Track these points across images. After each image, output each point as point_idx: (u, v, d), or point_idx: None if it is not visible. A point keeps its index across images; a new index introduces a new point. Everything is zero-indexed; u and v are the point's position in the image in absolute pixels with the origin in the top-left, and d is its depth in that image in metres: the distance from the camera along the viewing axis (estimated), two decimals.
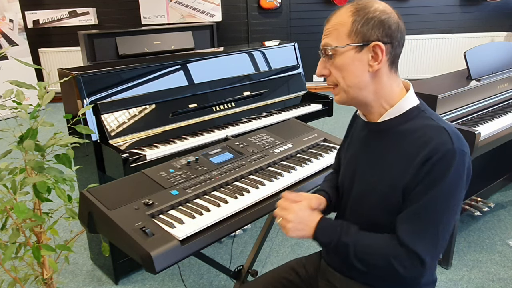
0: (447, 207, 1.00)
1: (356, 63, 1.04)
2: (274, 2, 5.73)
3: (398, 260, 1.01)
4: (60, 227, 2.72)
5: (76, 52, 5.89)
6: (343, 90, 1.08)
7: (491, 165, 2.91)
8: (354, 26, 1.03)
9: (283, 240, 2.60)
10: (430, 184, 0.99)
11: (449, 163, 0.98)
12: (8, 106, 1.43)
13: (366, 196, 1.13)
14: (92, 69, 2.06)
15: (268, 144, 1.74)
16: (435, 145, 0.99)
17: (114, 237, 1.21)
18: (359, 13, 1.03)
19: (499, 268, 2.28)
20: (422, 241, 1.00)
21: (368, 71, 1.04)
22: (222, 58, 2.52)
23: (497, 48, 2.67)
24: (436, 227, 1.00)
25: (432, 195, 0.99)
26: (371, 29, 1.02)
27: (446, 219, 1.00)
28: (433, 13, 5.78)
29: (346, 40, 1.04)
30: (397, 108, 1.08)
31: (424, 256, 0.99)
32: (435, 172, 0.98)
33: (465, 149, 1.00)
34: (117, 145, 1.96)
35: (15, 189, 1.39)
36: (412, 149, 1.02)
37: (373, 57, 1.03)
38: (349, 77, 1.06)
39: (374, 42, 1.02)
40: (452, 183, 0.99)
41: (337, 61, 1.06)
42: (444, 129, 1.01)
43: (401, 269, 1.01)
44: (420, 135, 1.02)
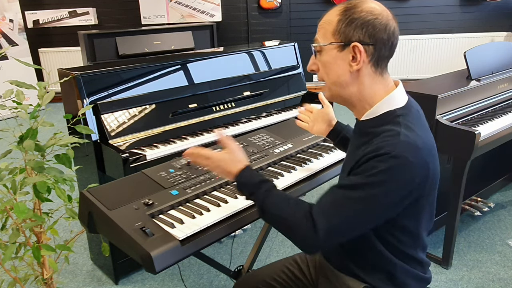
0: (359, 201, 0.99)
1: (338, 61, 1.06)
2: (274, 2, 5.73)
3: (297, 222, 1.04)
4: (60, 227, 2.72)
5: (76, 52, 5.89)
6: (328, 87, 1.12)
7: (491, 165, 2.91)
8: (338, 25, 1.05)
9: (283, 240, 2.60)
10: (357, 174, 1.01)
11: (381, 164, 0.96)
12: (8, 106, 1.43)
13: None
14: (92, 69, 2.06)
15: (268, 144, 1.74)
16: (380, 145, 0.98)
17: (114, 237, 1.21)
18: (346, 13, 1.04)
19: (499, 268, 2.28)
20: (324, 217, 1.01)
21: (349, 71, 1.06)
22: (222, 58, 2.52)
23: (497, 48, 2.67)
24: (341, 212, 1.01)
25: (354, 185, 1.00)
26: (353, 29, 1.03)
27: (355, 212, 1.00)
28: (433, 13, 5.78)
29: (330, 38, 1.06)
30: (373, 111, 1.08)
31: (319, 228, 1.00)
32: (366, 165, 0.99)
33: (412, 159, 0.96)
34: (117, 145, 1.96)
35: (15, 189, 1.39)
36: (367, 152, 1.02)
37: (353, 57, 1.04)
38: (331, 75, 1.09)
39: (354, 43, 1.03)
40: (377, 184, 0.97)
41: (322, 58, 1.10)
42: (398, 134, 0.99)
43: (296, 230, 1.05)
44: (380, 137, 1.02)
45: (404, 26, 5.82)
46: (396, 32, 1.05)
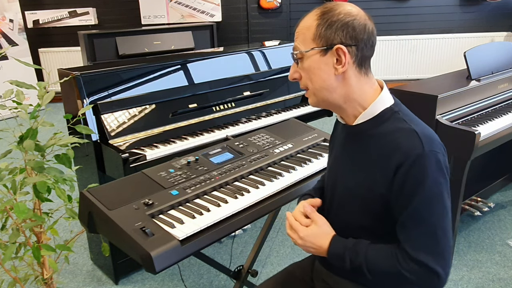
0: (437, 209, 0.99)
1: (322, 66, 1.05)
2: (274, 2, 5.73)
3: (411, 273, 1.00)
4: (60, 227, 2.72)
5: (76, 52, 5.89)
6: (313, 93, 1.09)
7: (491, 165, 2.91)
8: (318, 29, 1.04)
9: (283, 240, 2.60)
10: (411, 192, 0.98)
11: (424, 168, 0.97)
12: (8, 106, 1.43)
13: (347, 201, 1.13)
14: (92, 69, 2.06)
15: (268, 144, 1.74)
16: (406, 150, 0.98)
17: (114, 237, 1.21)
18: (324, 17, 1.04)
19: (499, 268, 2.28)
20: (428, 253, 0.99)
21: (335, 74, 1.04)
22: (222, 58, 2.52)
23: (497, 48, 2.67)
24: (433, 232, 0.99)
25: (418, 203, 0.98)
26: (334, 32, 1.02)
27: (440, 220, 1.00)
28: (433, 13, 5.77)
29: (311, 44, 1.05)
30: (370, 111, 1.07)
31: (435, 268, 0.98)
32: (412, 179, 0.98)
33: (437, 149, 0.99)
34: (117, 145, 1.96)
35: (15, 189, 1.39)
36: (385, 153, 1.02)
37: (337, 60, 1.03)
38: (317, 80, 1.07)
39: (337, 45, 1.02)
40: (433, 186, 0.98)
41: (304, 65, 1.07)
42: (415, 132, 1.00)
43: (415, 279, 1.00)
44: (392, 139, 1.02)
45: (404, 26, 5.82)
46: (374, 31, 1.06)
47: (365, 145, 1.08)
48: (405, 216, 1.00)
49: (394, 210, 1.03)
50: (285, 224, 1.19)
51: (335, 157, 1.20)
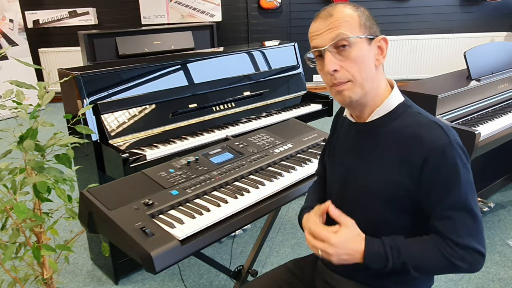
0: (470, 193, 1.02)
1: (368, 55, 1.03)
2: (274, 2, 5.73)
3: (461, 260, 1.01)
4: (60, 227, 2.72)
5: (76, 52, 5.89)
6: (359, 85, 1.03)
7: (491, 165, 2.91)
8: (361, 19, 1.03)
9: (283, 240, 2.60)
10: (447, 184, 1.00)
11: (453, 156, 0.99)
12: (8, 106, 1.43)
13: (363, 197, 1.12)
14: (92, 69, 2.06)
15: (268, 144, 1.74)
16: (431, 142, 0.99)
17: (114, 237, 1.21)
18: (359, 9, 1.05)
19: (499, 268, 2.27)
20: (471, 236, 1.00)
21: (375, 65, 1.05)
22: (222, 58, 2.52)
23: (497, 48, 2.67)
24: (474, 216, 1.01)
25: (457, 192, 1.00)
26: (373, 24, 1.05)
27: (474, 203, 1.02)
28: (433, 13, 5.77)
29: (358, 32, 1.02)
30: (385, 106, 1.08)
31: (479, 248, 1.01)
32: (445, 170, 0.99)
33: (457, 136, 1.02)
34: (117, 145, 1.96)
35: (15, 189, 1.39)
36: (405, 146, 1.02)
37: (379, 49, 1.05)
38: (365, 70, 1.03)
39: (380, 36, 1.04)
40: (465, 171, 1.01)
41: (352, 53, 1.01)
42: (436, 123, 1.02)
43: (465, 265, 1.01)
44: (412, 132, 1.02)
45: (404, 26, 5.82)
46: None
47: (381, 141, 1.08)
48: (445, 207, 1.01)
49: (426, 204, 1.03)
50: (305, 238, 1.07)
51: (341, 157, 1.19)
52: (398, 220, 1.08)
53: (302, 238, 2.61)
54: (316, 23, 1.05)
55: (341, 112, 1.28)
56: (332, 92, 1.08)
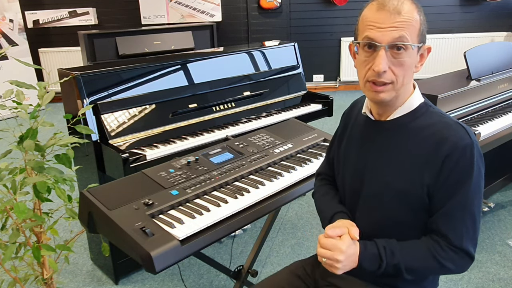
0: (477, 198, 1.02)
1: (414, 62, 1.05)
2: (274, 2, 5.73)
3: (451, 261, 1.03)
4: (60, 227, 2.72)
5: (76, 52, 5.89)
6: (396, 89, 1.03)
7: (491, 165, 2.90)
8: (422, 26, 1.04)
9: (283, 240, 2.60)
10: (459, 182, 1.00)
11: (472, 158, 1.00)
12: (8, 106, 1.43)
13: (381, 195, 1.10)
14: (92, 69, 2.06)
15: (268, 144, 1.74)
16: (455, 141, 1.00)
17: (114, 237, 1.21)
18: (422, 13, 1.04)
19: (499, 268, 2.27)
20: (468, 239, 1.02)
21: (414, 72, 1.06)
22: (222, 58, 2.52)
23: (497, 48, 2.67)
24: (474, 220, 1.02)
25: (464, 193, 1.01)
26: (426, 31, 1.05)
27: (478, 209, 1.03)
28: (433, 13, 5.77)
29: (416, 39, 1.02)
30: (407, 105, 1.08)
31: (472, 252, 1.03)
32: (460, 169, 1.00)
33: (476, 140, 1.03)
34: (117, 145, 1.96)
35: (15, 189, 1.39)
36: (429, 145, 1.03)
37: (421, 57, 1.06)
38: (409, 76, 1.04)
39: (427, 45, 1.05)
40: (478, 175, 1.01)
41: (406, 59, 1.01)
42: (459, 124, 1.03)
43: (453, 267, 1.03)
44: (435, 131, 1.03)
45: None
46: None
47: (403, 139, 1.08)
48: (451, 205, 1.02)
49: (435, 199, 1.04)
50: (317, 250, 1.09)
51: (356, 155, 1.17)
52: (411, 219, 1.09)
53: (302, 238, 2.61)
54: (380, 14, 1.00)
55: (353, 108, 1.27)
56: (366, 87, 1.05)
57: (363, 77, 1.04)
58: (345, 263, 1.04)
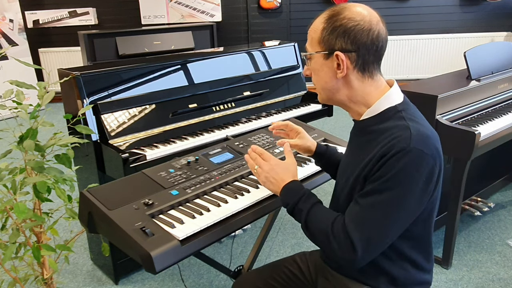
0: (390, 205, 0.99)
1: (325, 69, 1.09)
2: (274, 2, 5.73)
3: (335, 239, 1.04)
4: (60, 227, 2.72)
5: (76, 52, 5.89)
6: (318, 92, 1.16)
7: (491, 165, 2.91)
8: (322, 33, 1.07)
9: (283, 240, 2.60)
10: (378, 178, 1.00)
11: (400, 161, 0.97)
12: (8, 106, 1.43)
13: (342, 191, 1.16)
14: (92, 69, 2.06)
15: (268, 144, 1.74)
16: (394, 143, 0.99)
17: (114, 237, 1.21)
18: (329, 21, 1.06)
19: (499, 268, 2.28)
20: (358, 232, 1.01)
21: (336, 77, 1.08)
22: (222, 58, 2.52)
23: (497, 48, 2.67)
24: (374, 222, 1.00)
25: (377, 189, 1.00)
26: (335, 38, 1.05)
27: (388, 217, 1.00)
28: (433, 13, 5.77)
29: (316, 47, 1.10)
30: (373, 109, 1.09)
31: (356, 246, 1.00)
32: (385, 167, 0.99)
33: (426, 150, 0.98)
34: (117, 145, 1.96)
35: (15, 189, 1.39)
36: (378, 147, 1.03)
37: (338, 65, 1.06)
38: (320, 81, 1.12)
39: (336, 52, 1.05)
40: (400, 181, 0.98)
41: (312, 66, 1.13)
42: (408, 128, 1.01)
43: (335, 246, 1.03)
44: (388, 135, 1.03)
45: (403, 26, 5.82)
46: (381, 35, 1.05)
47: (364, 140, 1.10)
48: (362, 193, 1.03)
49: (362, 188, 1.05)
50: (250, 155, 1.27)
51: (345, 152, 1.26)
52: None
53: (302, 238, 2.61)
54: None
55: None
56: None
57: None
58: (269, 177, 1.20)
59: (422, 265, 1.16)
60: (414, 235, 1.10)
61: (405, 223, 1.03)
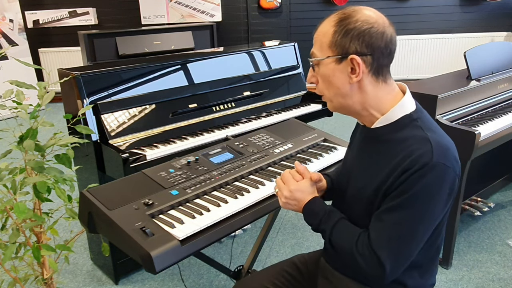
0: (416, 221, 0.99)
1: (337, 74, 1.04)
2: (274, 2, 5.73)
3: (362, 257, 1.03)
4: (60, 227, 2.72)
5: (76, 52, 5.89)
6: (329, 100, 1.10)
7: (491, 165, 2.91)
8: (334, 37, 1.02)
9: (283, 240, 2.60)
10: (401, 194, 0.98)
11: (423, 176, 0.96)
12: (8, 106, 1.43)
13: (354, 201, 1.13)
14: (92, 69, 2.06)
15: (268, 144, 1.74)
16: (415, 157, 0.97)
17: (114, 237, 1.21)
18: (341, 24, 1.02)
19: (499, 268, 2.28)
20: (385, 249, 1.00)
21: (349, 82, 1.04)
22: (222, 58, 2.52)
23: (497, 48, 2.67)
24: (401, 238, 1.00)
25: (402, 205, 0.98)
26: (349, 41, 1.00)
27: (413, 233, 1.00)
28: (433, 13, 5.77)
29: (327, 52, 1.04)
30: (388, 116, 1.06)
31: (384, 263, 1.00)
32: (408, 183, 0.97)
33: (448, 164, 0.98)
34: (117, 145, 1.96)
35: (15, 189, 1.39)
36: (397, 158, 1.01)
37: (352, 69, 1.02)
38: (332, 88, 1.07)
39: (351, 55, 1.01)
40: (425, 197, 0.97)
41: (320, 72, 1.07)
42: (428, 141, 0.99)
43: (363, 265, 1.03)
44: (406, 146, 1.01)
45: (403, 26, 5.81)
46: (393, 38, 1.03)
47: (380, 149, 1.07)
48: (385, 209, 1.01)
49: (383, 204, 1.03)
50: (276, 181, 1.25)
51: (351, 157, 1.20)
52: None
53: (302, 238, 2.61)
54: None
55: None
56: None
57: None
58: (289, 201, 1.18)
59: (429, 269, 1.16)
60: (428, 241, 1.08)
61: (429, 233, 1.04)
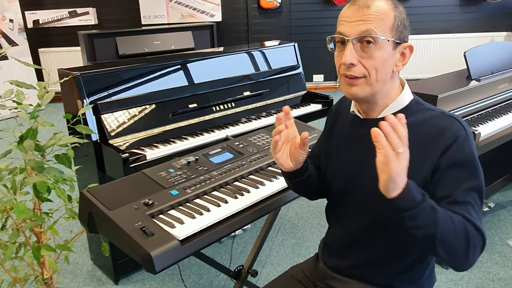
0: (482, 181, 1.01)
1: (390, 59, 1.02)
2: (274, 2, 5.73)
3: (478, 241, 0.94)
4: (60, 227, 2.72)
5: (76, 52, 5.89)
6: (370, 84, 1.02)
7: (491, 165, 2.91)
8: (396, 21, 1.00)
9: (283, 240, 2.60)
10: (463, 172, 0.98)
11: (469, 148, 1.00)
12: (8, 106, 1.43)
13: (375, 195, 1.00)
14: (92, 69, 2.06)
15: (268, 144, 1.74)
16: (453, 133, 1.00)
17: (114, 237, 1.21)
18: (398, 10, 1.02)
19: (499, 268, 2.27)
20: (481, 221, 0.97)
21: (393, 70, 1.04)
22: (222, 58, 2.52)
23: (497, 48, 2.67)
24: (480, 203, 1.00)
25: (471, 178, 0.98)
26: (405, 28, 1.03)
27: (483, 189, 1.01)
28: (433, 13, 5.77)
29: (388, 33, 0.99)
30: (398, 103, 1.07)
31: (484, 234, 0.96)
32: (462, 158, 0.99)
33: (469, 128, 1.04)
34: (117, 145, 1.96)
35: (15, 189, 1.39)
36: (425, 141, 1.01)
37: (402, 56, 1.04)
38: (382, 72, 1.01)
39: (407, 43, 1.03)
40: (476, 162, 1.01)
41: (375, 52, 0.99)
42: (450, 116, 1.04)
43: (478, 251, 0.94)
44: (431, 126, 1.03)
45: None
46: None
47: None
48: (462, 192, 0.96)
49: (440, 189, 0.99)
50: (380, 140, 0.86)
51: (348, 155, 1.14)
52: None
53: (302, 238, 2.61)
54: (350, 9, 1.01)
55: (340, 105, 1.25)
56: (342, 82, 1.06)
57: (339, 72, 1.05)
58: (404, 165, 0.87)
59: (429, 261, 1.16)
60: None
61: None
